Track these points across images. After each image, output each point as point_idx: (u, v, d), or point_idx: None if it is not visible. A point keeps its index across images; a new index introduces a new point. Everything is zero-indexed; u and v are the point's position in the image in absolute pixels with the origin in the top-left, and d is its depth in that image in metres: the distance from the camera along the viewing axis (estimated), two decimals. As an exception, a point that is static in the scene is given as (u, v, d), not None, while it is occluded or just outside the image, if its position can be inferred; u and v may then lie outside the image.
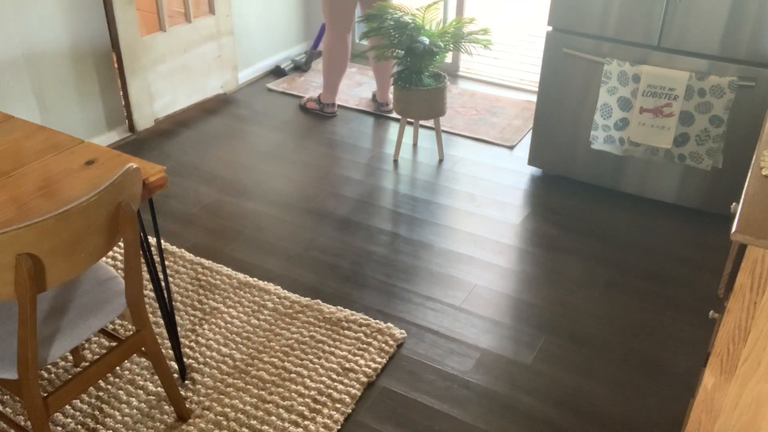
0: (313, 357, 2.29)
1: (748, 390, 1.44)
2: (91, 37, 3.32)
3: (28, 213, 1.64)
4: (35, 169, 1.82)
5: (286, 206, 3.13)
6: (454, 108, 4.06)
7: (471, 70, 4.56)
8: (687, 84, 2.79)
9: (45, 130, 2.02)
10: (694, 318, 2.51)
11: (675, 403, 2.17)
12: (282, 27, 4.54)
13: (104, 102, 3.49)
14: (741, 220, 1.33)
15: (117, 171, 1.58)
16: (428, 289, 2.64)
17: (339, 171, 3.42)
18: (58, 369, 2.23)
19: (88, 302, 1.80)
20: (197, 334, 2.38)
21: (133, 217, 1.65)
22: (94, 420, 2.06)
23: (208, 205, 3.13)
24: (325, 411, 2.09)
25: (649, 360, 2.33)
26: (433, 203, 3.17)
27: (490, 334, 2.43)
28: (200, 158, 3.51)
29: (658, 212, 3.11)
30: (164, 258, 2.74)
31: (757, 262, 1.31)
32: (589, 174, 3.24)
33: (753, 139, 2.83)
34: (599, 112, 3.01)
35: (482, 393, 2.19)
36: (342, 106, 4.09)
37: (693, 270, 2.76)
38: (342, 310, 2.48)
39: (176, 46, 3.76)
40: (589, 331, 2.45)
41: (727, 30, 2.71)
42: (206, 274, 2.66)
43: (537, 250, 2.87)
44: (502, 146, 3.67)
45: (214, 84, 4.10)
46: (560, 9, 2.99)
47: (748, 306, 1.36)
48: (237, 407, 2.10)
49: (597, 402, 2.17)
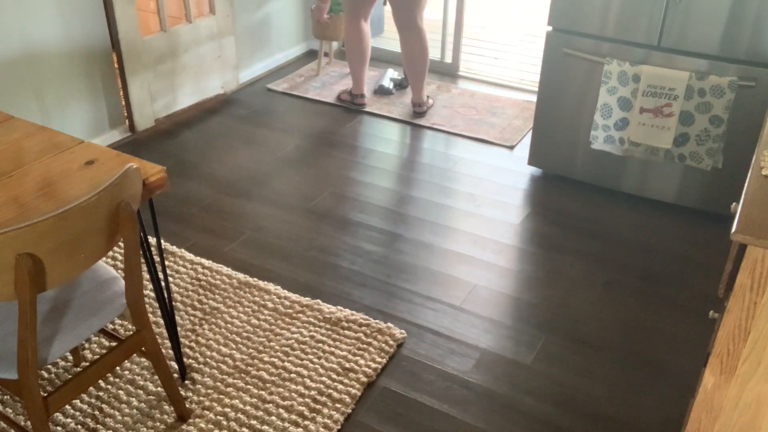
0: (313, 357, 2.29)
1: (748, 390, 1.44)
2: (91, 37, 3.32)
3: (28, 213, 1.64)
4: (35, 169, 1.82)
5: (286, 206, 3.13)
6: (454, 108, 4.06)
7: (471, 70, 4.56)
8: (687, 84, 2.79)
9: (45, 130, 2.02)
10: (694, 318, 2.51)
11: (675, 403, 2.17)
12: (282, 27, 4.54)
13: (104, 102, 3.49)
14: (741, 220, 1.33)
15: (117, 171, 1.58)
16: (428, 289, 2.64)
17: (339, 171, 3.42)
18: (58, 369, 2.23)
19: (88, 302, 1.80)
20: (197, 334, 2.38)
21: (133, 217, 1.65)
22: (94, 420, 2.06)
23: (208, 205, 3.13)
24: (325, 411, 2.09)
25: (648, 360, 2.33)
26: (433, 203, 3.17)
27: (490, 334, 2.43)
28: (200, 158, 3.51)
29: (658, 212, 3.11)
30: (164, 258, 2.74)
31: (757, 262, 1.31)
32: (589, 174, 3.24)
33: (753, 139, 2.83)
34: (599, 112, 3.01)
35: (482, 393, 2.19)
36: (342, 106, 4.09)
37: (693, 270, 2.76)
38: (342, 310, 2.48)
39: (177, 46, 3.76)
40: (589, 331, 2.45)
41: (727, 30, 2.71)
42: (206, 274, 2.66)
43: (537, 250, 2.87)
44: (502, 146, 3.67)
45: (215, 84, 4.10)
46: (560, 9, 2.99)
47: (748, 306, 1.36)
48: (237, 407, 2.10)
49: (597, 402, 2.17)
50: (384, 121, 3.94)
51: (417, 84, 3.85)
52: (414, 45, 3.73)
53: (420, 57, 3.75)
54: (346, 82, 4.36)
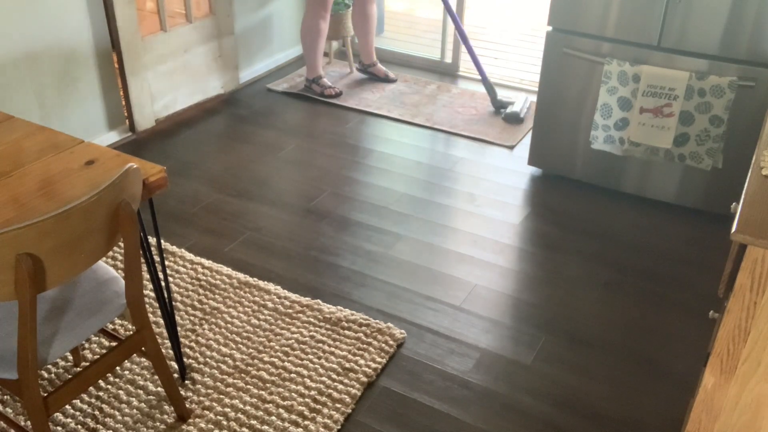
0: (313, 357, 2.29)
1: (748, 390, 1.44)
2: (91, 37, 3.31)
3: (28, 213, 1.64)
4: (35, 169, 1.82)
5: (286, 206, 3.13)
6: (454, 108, 4.06)
7: (471, 70, 4.56)
8: (687, 84, 2.79)
9: (45, 130, 2.02)
10: (694, 318, 2.51)
11: (675, 403, 2.17)
12: (282, 27, 4.54)
13: (104, 102, 3.49)
14: (741, 220, 1.33)
15: (117, 171, 1.58)
16: (428, 289, 2.64)
17: (339, 171, 3.42)
18: (58, 369, 2.23)
19: (88, 302, 1.80)
20: (197, 334, 2.38)
21: (133, 217, 1.65)
22: (94, 420, 2.06)
23: (208, 205, 3.13)
24: (325, 411, 2.09)
25: (649, 360, 2.33)
26: (433, 203, 3.17)
27: (490, 334, 2.43)
28: (200, 158, 3.51)
29: (658, 212, 3.11)
30: (164, 258, 2.74)
31: (757, 262, 1.31)
32: (589, 174, 3.24)
33: (753, 139, 2.83)
34: (599, 112, 3.01)
35: (482, 393, 2.19)
36: (342, 106, 4.09)
37: (693, 270, 2.76)
38: (342, 310, 2.48)
39: (177, 46, 3.76)
40: (589, 331, 2.45)
41: (727, 30, 2.71)
42: (206, 274, 2.66)
43: (537, 250, 2.87)
44: (502, 146, 3.67)
45: (215, 84, 4.10)
46: (560, 9, 2.99)
47: (748, 306, 1.36)
48: (237, 407, 2.10)
49: (597, 402, 2.17)
50: (384, 121, 3.94)
51: (372, 44, 4.37)
52: (369, 11, 4.26)
53: (374, 17, 4.34)
54: (345, 81, 4.36)
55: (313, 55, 4.14)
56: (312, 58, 4.15)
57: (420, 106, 4.08)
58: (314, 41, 4.08)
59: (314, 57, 4.15)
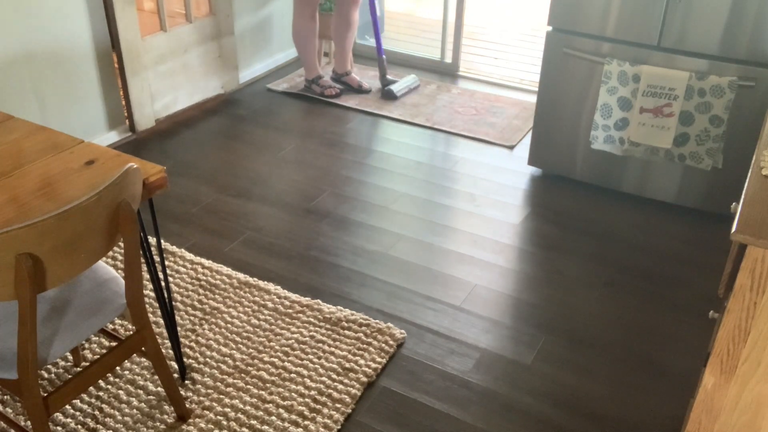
0: (313, 357, 2.29)
1: (748, 390, 1.44)
2: (91, 37, 3.32)
3: (28, 213, 1.64)
4: (35, 169, 1.82)
5: (286, 206, 3.13)
6: (454, 108, 4.06)
7: (471, 69, 4.56)
8: (687, 84, 2.79)
9: (45, 130, 2.02)
10: (694, 318, 2.51)
11: (675, 403, 2.17)
12: (282, 27, 4.54)
13: (104, 102, 3.49)
14: (741, 220, 1.33)
15: (117, 171, 1.58)
16: (428, 289, 2.64)
17: (339, 171, 3.42)
18: (58, 369, 2.23)
19: (88, 302, 1.80)
20: (197, 334, 2.38)
21: (133, 217, 1.65)
22: (94, 420, 2.06)
23: (208, 205, 3.13)
24: (325, 411, 2.09)
25: (649, 360, 2.33)
26: (433, 203, 3.17)
27: (490, 334, 2.43)
28: (200, 158, 3.51)
29: (658, 212, 3.11)
30: (164, 258, 2.74)
31: (757, 262, 1.31)
32: (589, 174, 3.24)
33: (753, 139, 2.83)
34: (599, 112, 3.01)
35: (482, 393, 2.19)
36: (342, 106, 4.09)
37: (693, 270, 2.76)
38: (342, 310, 2.48)
39: (177, 46, 3.76)
40: (589, 331, 2.45)
41: (727, 30, 2.72)
42: (206, 274, 2.66)
43: (537, 250, 2.87)
44: (502, 146, 3.67)
45: (215, 84, 4.10)
46: (560, 9, 2.99)
47: (748, 306, 1.36)
48: (237, 407, 2.10)
49: (597, 402, 2.17)
50: (384, 121, 3.94)
51: (348, 53, 4.26)
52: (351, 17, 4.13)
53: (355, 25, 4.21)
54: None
55: (308, 56, 4.13)
56: (308, 59, 4.15)
57: (420, 106, 4.08)
58: (306, 42, 4.08)
59: (310, 58, 4.14)
